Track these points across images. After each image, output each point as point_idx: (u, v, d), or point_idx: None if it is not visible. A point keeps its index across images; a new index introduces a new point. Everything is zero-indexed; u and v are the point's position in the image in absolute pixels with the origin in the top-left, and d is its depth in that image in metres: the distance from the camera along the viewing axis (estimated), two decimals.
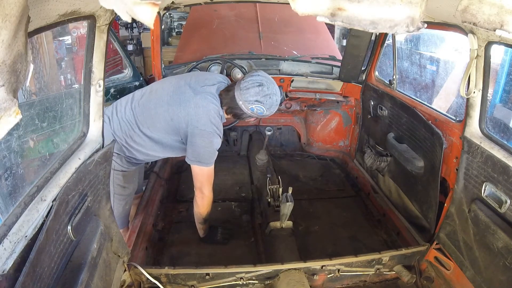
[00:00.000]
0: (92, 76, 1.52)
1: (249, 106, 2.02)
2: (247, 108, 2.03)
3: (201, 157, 2.07)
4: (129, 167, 2.28)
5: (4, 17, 0.65)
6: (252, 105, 2.01)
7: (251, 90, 1.99)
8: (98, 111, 1.62)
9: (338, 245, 2.59)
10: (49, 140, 2.81)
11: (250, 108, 2.03)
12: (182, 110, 2.03)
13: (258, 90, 1.99)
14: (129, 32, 8.29)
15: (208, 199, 2.25)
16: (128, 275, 1.95)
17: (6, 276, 0.99)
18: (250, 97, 2.00)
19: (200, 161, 2.08)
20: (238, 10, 4.31)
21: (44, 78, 4.20)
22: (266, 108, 2.03)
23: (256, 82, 2.00)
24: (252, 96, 2.00)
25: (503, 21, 1.04)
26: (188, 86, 2.10)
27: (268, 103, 2.02)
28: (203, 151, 2.06)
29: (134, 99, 2.20)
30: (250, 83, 2.01)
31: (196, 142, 2.03)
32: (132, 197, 2.59)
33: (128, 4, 0.62)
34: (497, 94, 4.68)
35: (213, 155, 2.10)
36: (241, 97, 2.01)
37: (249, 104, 2.01)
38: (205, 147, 2.05)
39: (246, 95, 2.00)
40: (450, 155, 2.09)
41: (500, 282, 1.69)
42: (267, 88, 2.01)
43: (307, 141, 4.14)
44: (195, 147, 2.05)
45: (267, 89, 2.00)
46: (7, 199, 2.51)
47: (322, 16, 0.79)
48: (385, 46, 3.07)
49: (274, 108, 2.08)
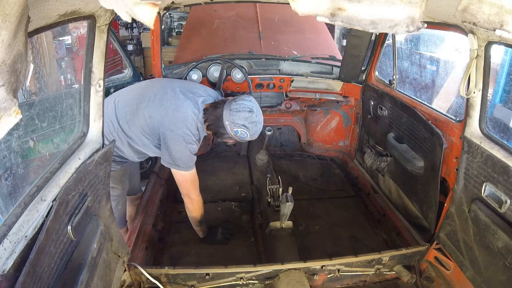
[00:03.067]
0: (92, 76, 1.52)
1: (235, 129, 2.02)
2: (231, 130, 2.03)
3: (177, 161, 2.05)
4: (114, 166, 2.25)
5: (4, 17, 0.65)
6: (238, 128, 2.01)
7: (241, 114, 1.99)
8: (98, 111, 1.62)
9: (338, 245, 2.59)
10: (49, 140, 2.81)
11: (235, 130, 2.03)
12: (162, 109, 2.01)
13: (247, 115, 2.00)
14: (129, 32, 8.29)
15: (197, 203, 2.26)
16: (128, 275, 1.95)
17: (6, 276, 0.99)
18: (238, 120, 1.99)
19: (178, 164, 2.06)
20: (238, 10, 4.31)
21: (44, 78, 4.20)
22: (250, 134, 2.04)
23: (247, 107, 2.02)
24: (240, 120, 1.99)
25: (503, 21, 1.04)
26: (174, 89, 2.10)
27: (253, 130, 2.03)
28: (179, 156, 2.04)
29: (120, 94, 2.20)
30: (241, 107, 2.01)
31: (170, 146, 2.01)
32: (125, 198, 2.58)
33: (128, 4, 0.62)
34: (497, 94, 4.68)
35: (191, 159, 2.09)
36: (229, 118, 2.00)
37: (235, 126, 2.01)
38: (180, 151, 2.03)
39: (235, 117, 1.99)
40: (450, 155, 2.09)
41: (500, 282, 1.69)
42: (256, 115, 2.03)
43: (307, 141, 4.14)
44: (170, 151, 2.03)
45: (255, 117, 2.02)
46: (7, 199, 2.51)
47: (322, 16, 0.79)
48: (385, 46, 3.07)
49: (255, 136, 2.09)
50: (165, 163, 2.09)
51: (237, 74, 3.37)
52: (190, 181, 2.17)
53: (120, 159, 2.26)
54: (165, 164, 2.09)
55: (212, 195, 3.18)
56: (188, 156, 2.06)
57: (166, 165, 2.09)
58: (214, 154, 3.99)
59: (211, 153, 3.99)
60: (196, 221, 2.37)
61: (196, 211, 2.30)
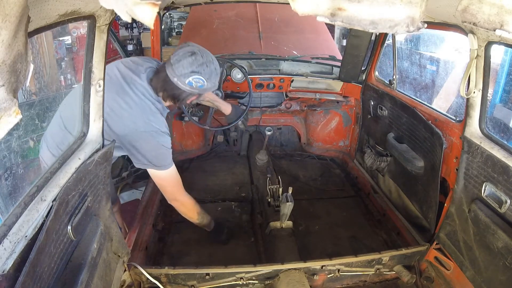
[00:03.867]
0: (92, 76, 1.52)
1: (186, 80, 1.75)
2: (183, 83, 1.76)
3: (153, 160, 1.85)
4: None
5: (4, 17, 0.65)
6: (189, 78, 1.74)
7: (184, 62, 1.73)
8: (98, 111, 1.62)
9: (338, 245, 2.59)
10: None
11: (187, 82, 1.75)
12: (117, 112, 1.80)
13: (191, 60, 1.73)
14: (129, 32, 8.30)
15: (188, 203, 2.10)
16: (128, 275, 1.95)
17: (6, 276, 0.99)
18: (183, 69, 1.73)
19: (155, 164, 1.86)
20: (238, 10, 4.32)
21: (44, 78, 4.20)
22: (206, 78, 1.76)
23: (188, 52, 1.75)
24: (185, 68, 1.73)
25: (503, 21, 1.04)
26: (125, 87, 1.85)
27: (206, 72, 1.76)
28: (154, 154, 1.83)
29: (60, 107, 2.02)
30: (181, 55, 1.75)
31: (141, 146, 1.81)
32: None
33: (128, 4, 0.62)
34: (497, 94, 4.69)
35: (167, 155, 1.88)
36: (175, 72, 1.74)
37: (185, 77, 1.74)
38: (153, 150, 1.82)
39: (179, 68, 1.73)
40: (450, 155, 2.09)
41: (500, 282, 1.69)
42: (201, 56, 1.75)
43: (307, 141, 4.14)
44: (142, 152, 1.82)
45: (201, 58, 1.75)
46: (7, 199, 2.51)
47: (322, 16, 0.79)
48: (385, 46, 3.07)
49: (215, 79, 1.82)
50: (139, 165, 1.88)
51: (237, 74, 3.37)
52: (172, 181, 1.97)
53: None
54: (140, 166, 1.89)
55: (212, 195, 3.18)
56: (163, 152, 1.85)
57: (141, 167, 1.89)
58: (214, 154, 3.99)
59: (211, 153, 3.99)
60: (195, 221, 2.27)
61: (190, 211, 2.15)
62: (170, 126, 3.68)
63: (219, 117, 3.90)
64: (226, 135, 4.09)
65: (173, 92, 1.83)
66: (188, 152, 3.85)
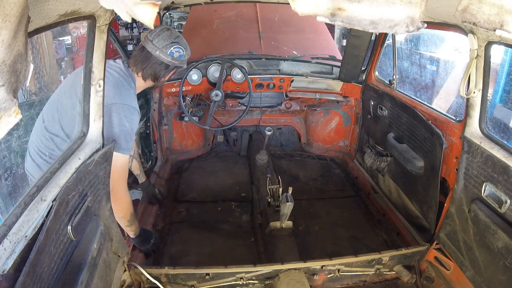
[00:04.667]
0: (92, 76, 1.52)
1: (167, 52, 1.87)
2: (166, 55, 1.87)
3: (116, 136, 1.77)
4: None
5: (4, 17, 0.65)
6: (170, 49, 1.87)
7: (162, 35, 1.88)
8: (98, 111, 1.62)
9: (338, 245, 2.59)
10: None
11: (169, 53, 1.87)
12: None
13: (168, 33, 1.89)
14: (129, 32, 8.29)
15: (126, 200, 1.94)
16: (128, 275, 1.95)
17: (6, 276, 0.99)
18: (164, 41, 1.86)
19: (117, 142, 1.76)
20: (238, 10, 4.31)
21: (44, 78, 4.21)
22: (184, 47, 1.92)
23: (163, 28, 1.92)
24: (166, 40, 1.87)
25: (503, 21, 1.04)
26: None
27: (183, 43, 1.93)
28: (118, 130, 1.77)
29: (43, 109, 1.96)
30: (158, 31, 1.89)
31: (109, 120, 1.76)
32: None
33: (128, 4, 0.62)
34: (497, 94, 4.69)
35: (130, 137, 1.84)
36: (156, 46, 1.86)
37: (167, 49, 1.87)
38: (120, 125, 1.78)
39: (160, 41, 1.86)
40: (450, 155, 2.09)
41: (500, 282, 1.69)
42: (174, 31, 1.95)
43: (307, 141, 4.14)
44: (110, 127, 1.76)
45: (175, 32, 1.95)
46: (7, 199, 2.51)
47: (322, 16, 0.79)
48: (385, 46, 3.07)
49: (189, 50, 1.98)
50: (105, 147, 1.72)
51: (237, 74, 3.37)
52: (121, 170, 1.84)
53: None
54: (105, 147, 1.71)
55: (212, 195, 3.18)
56: (128, 132, 1.82)
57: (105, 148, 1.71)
58: (214, 154, 3.99)
59: (211, 153, 3.99)
60: (126, 222, 2.01)
61: (125, 209, 1.95)
62: (170, 126, 3.69)
63: (219, 117, 3.92)
64: (226, 135, 4.09)
65: (154, 67, 1.91)
66: (188, 152, 3.85)
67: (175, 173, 3.52)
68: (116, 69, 1.91)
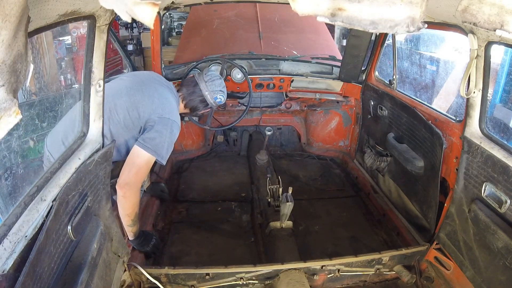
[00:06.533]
0: (92, 76, 1.52)
1: (214, 96, 2.31)
2: (211, 98, 2.31)
3: (158, 146, 1.93)
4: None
5: (4, 17, 0.65)
6: (217, 94, 2.32)
7: (216, 82, 2.32)
8: (98, 111, 1.62)
9: (338, 245, 2.59)
10: None
11: (215, 97, 2.32)
12: (146, 99, 2.01)
13: (220, 82, 2.34)
14: (129, 32, 8.29)
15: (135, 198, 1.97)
16: (128, 275, 1.95)
17: (6, 276, 0.99)
18: (215, 87, 2.31)
19: (156, 150, 1.92)
20: (238, 10, 4.31)
21: (44, 78, 4.20)
22: (225, 97, 2.37)
23: (216, 75, 2.36)
24: (217, 87, 2.31)
25: (503, 21, 1.04)
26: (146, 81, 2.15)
27: (226, 93, 2.38)
28: (162, 140, 1.95)
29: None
30: (213, 76, 2.33)
31: (158, 129, 1.96)
32: None
33: (128, 4, 0.62)
34: (497, 94, 4.68)
35: (169, 149, 2.01)
36: (208, 88, 2.29)
37: (215, 93, 2.31)
38: (165, 136, 1.97)
39: (213, 86, 2.30)
40: (450, 155, 2.09)
41: (500, 282, 1.69)
42: (223, 80, 2.39)
43: (307, 141, 4.14)
44: (155, 134, 1.94)
45: (223, 81, 2.38)
46: (7, 199, 2.51)
47: (322, 16, 0.79)
48: (385, 46, 3.07)
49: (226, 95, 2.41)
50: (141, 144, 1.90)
51: (237, 74, 3.37)
52: (144, 169, 1.95)
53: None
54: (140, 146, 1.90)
55: (212, 195, 3.18)
56: (169, 144, 2.00)
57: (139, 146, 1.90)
58: (214, 154, 3.99)
59: (211, 153, 3.99)
60: (130, 221, 2.02)
61: (131, 208, 1.97)
62: None
63: (219, 117, 3.91)
64: (226, 135, 4.08)
65: (197, 102, 2.32)
66: (188, 152, 3.85)
67: (175, 173, 3.53)
68: (171, 88, 2.24)
